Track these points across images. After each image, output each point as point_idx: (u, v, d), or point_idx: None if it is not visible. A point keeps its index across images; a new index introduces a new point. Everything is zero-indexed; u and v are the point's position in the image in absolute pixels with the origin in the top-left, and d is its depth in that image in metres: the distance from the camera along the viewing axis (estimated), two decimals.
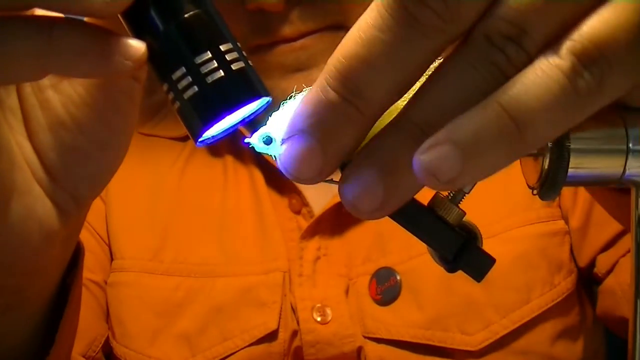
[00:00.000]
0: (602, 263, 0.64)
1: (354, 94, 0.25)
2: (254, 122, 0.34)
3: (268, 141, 0.33)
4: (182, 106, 0.30)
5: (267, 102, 0.33)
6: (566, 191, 0.65)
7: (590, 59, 0.24)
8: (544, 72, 0.24)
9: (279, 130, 0.33)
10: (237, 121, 0.33)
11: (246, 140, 0.33)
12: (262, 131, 0.33)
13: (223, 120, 0.31)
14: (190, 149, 0.70)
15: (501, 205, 0.63)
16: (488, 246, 0.63)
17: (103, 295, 0.66)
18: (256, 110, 0.33)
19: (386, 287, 0.62)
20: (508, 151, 0.24)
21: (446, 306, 0.60)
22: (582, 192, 0.64)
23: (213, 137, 0.33)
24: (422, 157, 0.23)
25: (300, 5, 0.58)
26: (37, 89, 0.33)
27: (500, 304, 0.60)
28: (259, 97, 0.31)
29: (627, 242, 0.37)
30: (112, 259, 0.67)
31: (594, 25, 0.24)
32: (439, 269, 0.61)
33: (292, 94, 0.33)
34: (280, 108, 0.33)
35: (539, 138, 0.24)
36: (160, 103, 0.72)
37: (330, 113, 0.25)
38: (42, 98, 0.33)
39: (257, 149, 0.34)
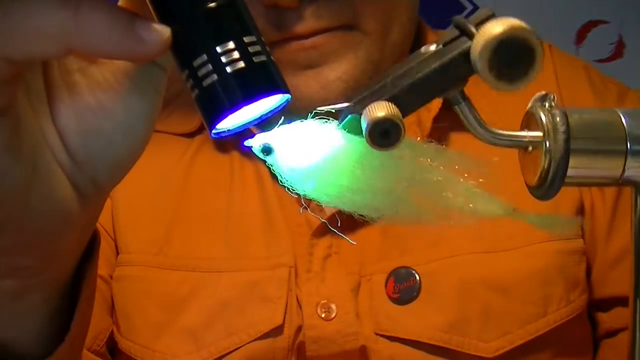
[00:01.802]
0: (623, 317, 0.63)
1: None
2: (265, 123, 0.34)
3: (268, 151, 0.33)
4: (200, 94, 0.30)
5: (287, 99, 0.32)
6: (601, 216, 0.64)
7: None
8: None
9: (280, 142, 0.33)
10: (254, 118, 0.33)
11: (246, 143, 0.33)
12: (264, 137, 0.33)
13: (239, 112, 0.31)
14: (197, 145, 0.70)
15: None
16: (509, 258, 0.64)
17: (108, 290, 0.66)
18: (275, 108, 0.33)
19: (405, 286, 0.61)
20: None
21: (465, 312, 0.61)
22: (623, 227, 0.64)
23: (228, 130, 0.33)
24: None
25: (314, 3, 0.58)
26: (64, 72, 0.33)
27: (517, 314, 0.61)
28: (278, 91, 0.31)
29: None
30: (117, 253, 0.67)
31: None
32: (459, 275, 0.62)
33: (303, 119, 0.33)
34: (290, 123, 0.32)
35: None
36: (168, 99, 0.72)
37: None
38: (69, 81, 0.33)
39: (256, 153, 0.34)
